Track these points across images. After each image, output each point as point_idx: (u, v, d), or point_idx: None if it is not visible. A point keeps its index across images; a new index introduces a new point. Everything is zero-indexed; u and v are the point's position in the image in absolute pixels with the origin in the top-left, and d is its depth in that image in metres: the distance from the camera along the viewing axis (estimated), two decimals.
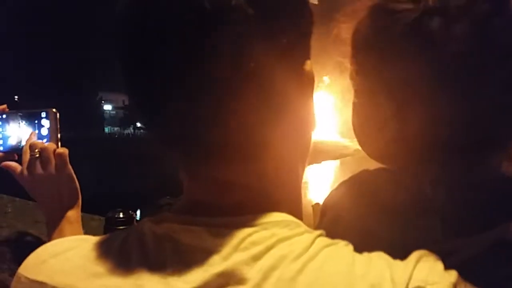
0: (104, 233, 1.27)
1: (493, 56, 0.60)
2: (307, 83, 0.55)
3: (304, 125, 0.56)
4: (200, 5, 0.47)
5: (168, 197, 1.17)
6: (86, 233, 1.23)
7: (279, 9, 0.51)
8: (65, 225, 1.05)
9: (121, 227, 1.19)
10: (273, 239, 0.50)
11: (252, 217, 0.52)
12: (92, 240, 0.57)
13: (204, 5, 0.47)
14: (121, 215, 1.22)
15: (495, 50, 0.60)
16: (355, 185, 0.69)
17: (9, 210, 1.59)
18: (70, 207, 1.08)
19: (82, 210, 1.15)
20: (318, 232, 0.52)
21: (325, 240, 0.51)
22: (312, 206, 0.92)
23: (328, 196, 0.72)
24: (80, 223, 1.08)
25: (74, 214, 1.07)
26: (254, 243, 0.50)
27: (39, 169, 1.05)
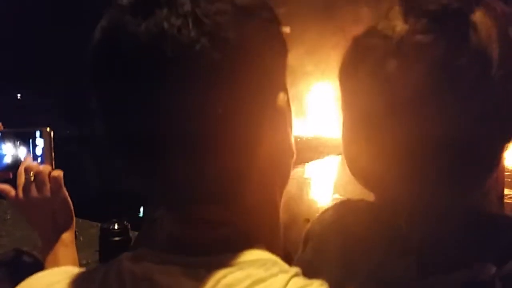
0: (100, 244, 1.29)
1: (458, 95, 0.60)
2: (280, 116, 0.55)
3: (281, 156, 0.57)
4: (162, 51, 0.48)
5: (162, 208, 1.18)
6: (85, 240, 1.26)
7: (248, 48, 0.51)
8: (59, 248, 1.10)
9: (116, 238, 1.22)
10: (248, 281, 0.51)
11: (228, 256, 0.53)
12: (74, 273, 0.59)
13: (167, 53, 0.47)
14: (116, 227, 1.24)
15: (458, 89, 0.60)
16: (337, 215, 0.71)
17: (8, 217, 1.59)
18: (65, 229, 1.11)
19: (86, 211, 1.16)
20: (293, 271, 0.54)
21: (299, 282, 0.53)
22: (303, 220, 0.93)
23: (311, 225, 0.73)
24: (74, 245, 1.10)
25: (68, 237, 1.11)
26: (228, 286, 0.51)
27: (34, 192, 1.07)
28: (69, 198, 1.12)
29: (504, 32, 0.65)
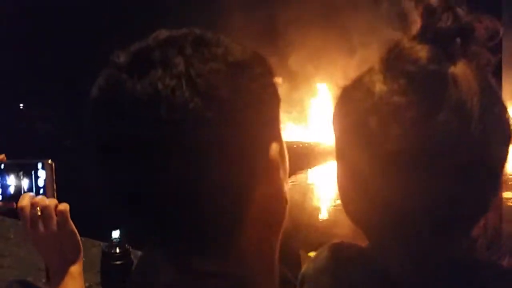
0: (101, 267, 1.29)
1: (438, 151, 0.60)
2: (273, 166, 0.56)
3: (274, 205, 0.57)
4: (157, 111, 0.48)
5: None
6: (87, 260, 1.26)
7: (241, 104, 0.51)
8: (68, 280, 1.09)
9: (117, 262, 1.22)
10: None
11: None
12: None
13: (161, 113, 0.48)
14: (117, 250, 1.24)
15: (437, 146, 0.61)
16: (331, 259, 0.71)
17: (12, 236, 1.58)
18: (73, 262, 1.11)
19: (89, 224, 1.16)
20: None
21: None
22: (301, 252, 0.94)
23: (306, 267, 0.74)
24: (83, 277, 1.11)
25: (77, 269, 1.11)
26: None
27: (41, 227, 1.08)
28: (76, 231, 1.12)
29: (487, 82, 0.65)
